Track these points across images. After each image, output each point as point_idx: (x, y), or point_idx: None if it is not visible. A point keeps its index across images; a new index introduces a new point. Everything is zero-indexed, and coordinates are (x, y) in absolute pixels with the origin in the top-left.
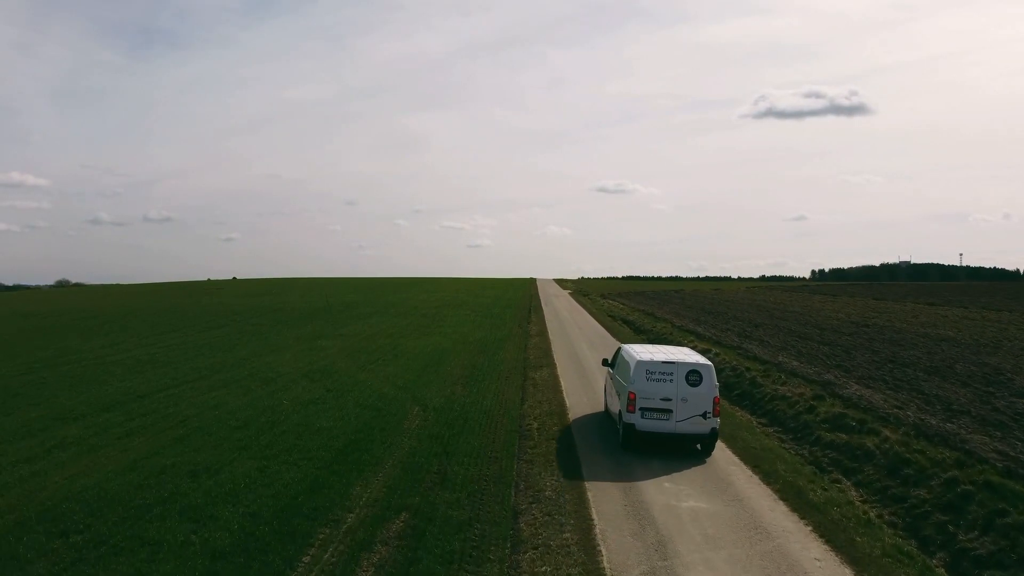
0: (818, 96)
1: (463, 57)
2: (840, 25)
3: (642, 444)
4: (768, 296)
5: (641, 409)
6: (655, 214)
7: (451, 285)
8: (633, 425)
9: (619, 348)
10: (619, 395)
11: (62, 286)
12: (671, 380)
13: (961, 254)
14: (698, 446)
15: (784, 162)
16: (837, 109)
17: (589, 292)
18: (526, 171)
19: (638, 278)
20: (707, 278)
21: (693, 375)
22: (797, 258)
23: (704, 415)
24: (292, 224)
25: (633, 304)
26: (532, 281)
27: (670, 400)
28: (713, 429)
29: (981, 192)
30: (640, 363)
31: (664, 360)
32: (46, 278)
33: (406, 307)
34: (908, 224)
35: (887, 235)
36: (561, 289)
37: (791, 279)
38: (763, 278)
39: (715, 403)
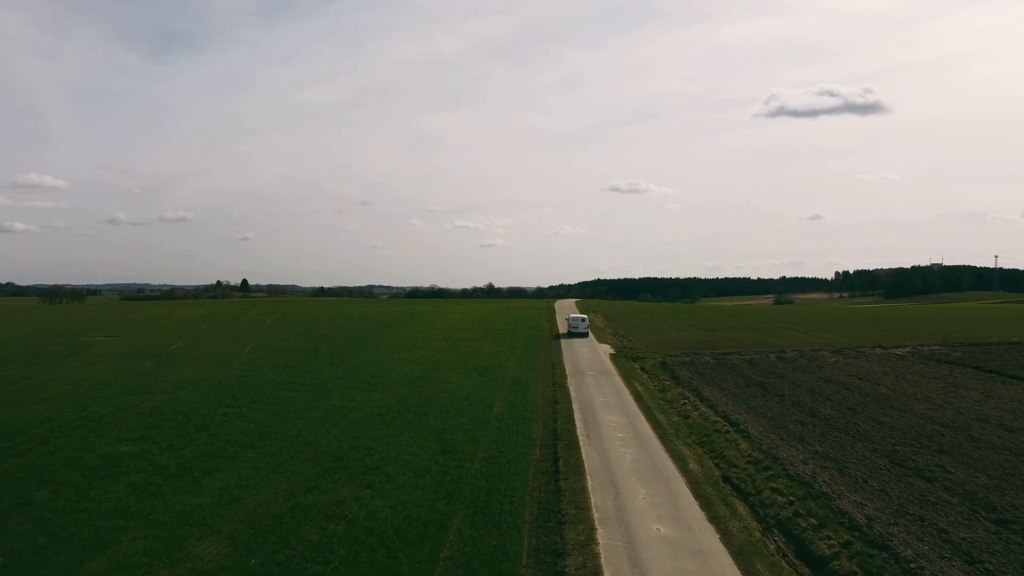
0: (832, 94)
1: (478, 58)
2: (855, 24)
3: (570, 335)
4: (955, 392)
5: (569, 328)
6: (669, 213)
7: (441, 326)
8: (568, 331)
9: (569, 316)
10: (569, 325)
11: (56, 292)
12: (576, 321)
13: (996, 256)
14: (585, 336)
15: (799, 161)
16: (852, 107)
17: (641, 355)
18: (540, 171)
19: (656, 279)
20: (725, 279)
21: (583, 321)
22: (814, 258)
23: (584, 330)
24: (307, 224)
25: (754, 425)
26: (549, 314)
27: (576, 326)
28: (587, 332)
29: (999, 191)
30: (570, 317)
31: (574, 316)
32: (62, 279)
33: (339, 418)
34: (925, 223)
35: (904, 234)
36: (596, 342)
37: (813, 280)
38: (783, 279)
39: (587, 326)
